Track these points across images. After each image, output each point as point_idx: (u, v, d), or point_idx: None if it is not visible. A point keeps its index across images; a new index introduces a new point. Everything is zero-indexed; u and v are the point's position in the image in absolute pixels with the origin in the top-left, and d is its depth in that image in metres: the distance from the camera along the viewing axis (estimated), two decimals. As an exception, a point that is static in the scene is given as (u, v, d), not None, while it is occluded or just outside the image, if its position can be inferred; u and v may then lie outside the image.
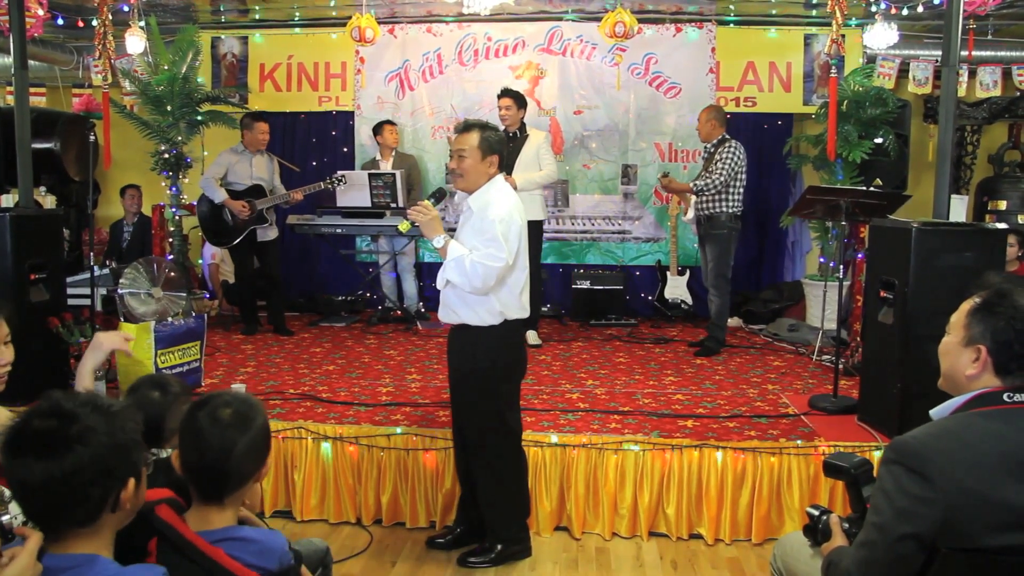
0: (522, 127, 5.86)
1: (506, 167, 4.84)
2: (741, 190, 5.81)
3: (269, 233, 6.36)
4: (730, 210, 5.77)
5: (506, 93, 5.87)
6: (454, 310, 3.31)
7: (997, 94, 7.20)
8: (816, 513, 2.12)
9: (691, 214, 6.13)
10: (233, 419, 1.82)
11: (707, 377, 5.14)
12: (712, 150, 5.87)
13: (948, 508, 1.66)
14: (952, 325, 1.92)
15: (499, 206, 3.20)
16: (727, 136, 5.87)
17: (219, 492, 1.82)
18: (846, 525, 2.05)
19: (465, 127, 3.30)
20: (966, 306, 1.88)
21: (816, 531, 2.11)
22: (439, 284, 3.31)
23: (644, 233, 7.46)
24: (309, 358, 5.55)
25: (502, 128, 5.10)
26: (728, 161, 5.68)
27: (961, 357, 1.86)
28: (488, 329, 3.27)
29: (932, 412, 1.89)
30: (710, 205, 5.79)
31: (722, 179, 5.67)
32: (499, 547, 3.46)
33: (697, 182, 5.80)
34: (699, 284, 6.61)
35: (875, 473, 2.00)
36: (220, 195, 6.11)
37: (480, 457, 3.42)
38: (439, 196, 3.39)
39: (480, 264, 3.11)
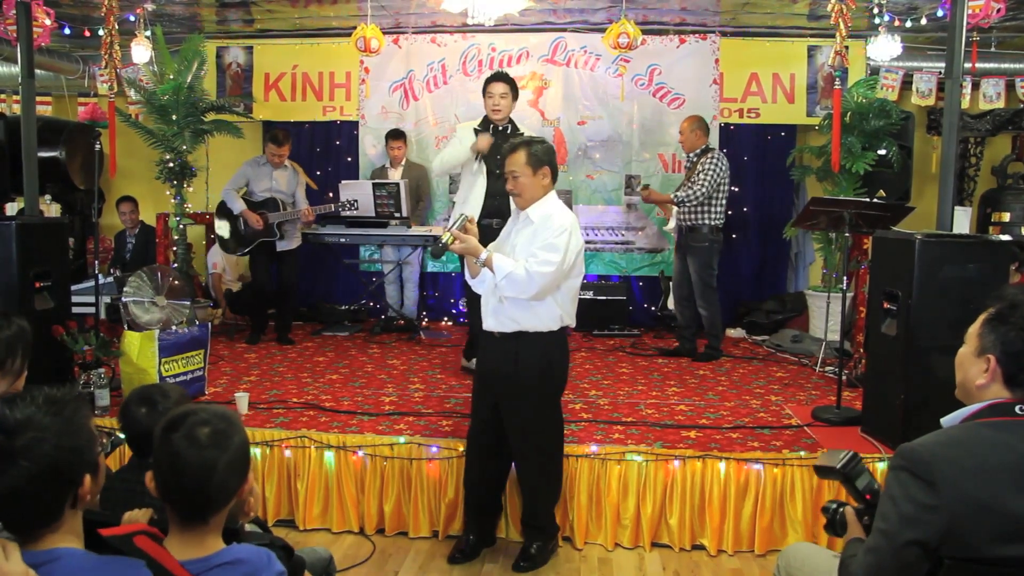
0: (513, 122, 5.17)
1: (496, 170, 4.75)
2: (724, 201, 5.84)
3: (290, 243, 6.39)
4: (712, 222, 5.80)
5: (500, 77, 5.10)
6: (512, 318, 3.37)
7: (1000, 106, 7.22)
8: (833, 507, 2.11)
9: (672, 223, 6.15)
10: (211, 438, 1.70)
11: (710, 388, 5.13)
12: (695, 160, 5.90)
13: (953, 517, 1.66)
14: (968, 335, 1.92)
15: (563, 216, 3.33)
16: (710, 146, 5.92)
17: (203, 515, 1.72)
18: (866, 519, 2.04)
19: (511, 147, 3.41)
20: (981, 317, 1.89)
21: (835, 524, 2.10)
22: (488, 297, 3.40)
23: (647, 244, 7.47)
24: (312, 367, 5.56)
25: (485, 120, 5.01)
26: (710, 172, 5.70)
27: (973, 367, 1.87)
28: (548, 335, 3.39)
29: (943, 420, 1.89)
30: (692, 216, 5.81)
31: (703, 190, 5.69)
32: (540, 544, 3.59)
33: (679, 193, 5.81)
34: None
35: (865, 464, 2.03)
36: (238, 205, 6.17)
37: (531, 458, 3.55)
38: (463, 223, 3.35)
39: (535, 272, 3.22)
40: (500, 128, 5.05)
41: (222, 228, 6.42)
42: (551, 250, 3.24)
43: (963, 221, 4.42)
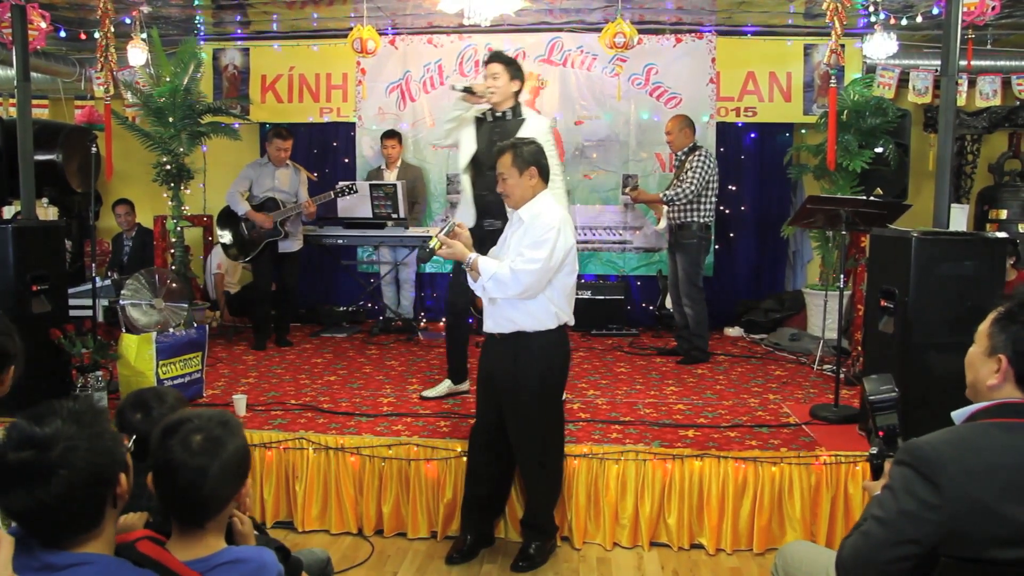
0: (517, 108, 4.57)
1: (490, 163, 4.42)
2: (713, 199, 5.83)
3: (292, 245, 6.37)
4: (702, 219, 5.78)
5: (493, 57, 4.52)
6: (509, 318, 3.40)
7: (997, 103, 7.21)
8: (875, 451, 2.08)
9: (663, 223, 6.14)
10: (204, 445, 1.74)
11: (708, 387, 5.13)
12: (683, 158, 5.88)
13: (953, 517, 1.64)
14: (977, 335, 1.89)
15: (552, 215, 3.34)
16: (697, 144, 5.90)
17: (198, 519, 1.75)
18: (874, 451, 2.04)
19: (500, 150, 3.46)
20: (991, 316, 1.86)
21: (869, 432, 2.11)
22: (484, 300, 3.44)
23: (645, 243, 7.47)
24: (310, 369, 5.55)
25: (487, 106, 4.49)
26: (699, 170, 5.69)
27: (983, 367, 1.84)
28: (546, 333, 3.40)
29: (954, 414, 1.87)
30: (681, 215, 5.80)
31: (692, 188, 5.67)
32: (539, 544, 3.59)
33: (667, 192, 5.80)
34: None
35: (896, 408, 2.03)
36: (243, 207, 6.15)
37: (531, 458, 3.55)
38: (451, 229, 3.41)
39: (520, 270, 3.25)
40: (499, 114, 4.55)
41: (225, 237, 6.41)
42: (536, 247, 3.27)
43: (960, 219, 4.41)
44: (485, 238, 4.44)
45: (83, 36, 6.46)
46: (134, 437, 2.05)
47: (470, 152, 4.60)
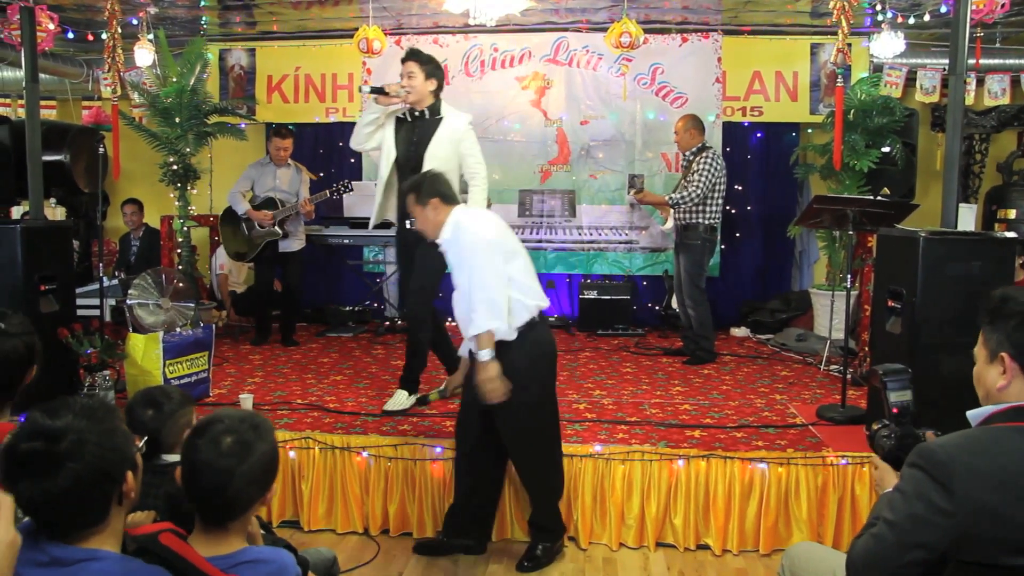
0: (435, 106, 4.50)
1: (411, 164, 4.41)
2: (720, 200, 5.79)
3: (292, 245, 6.38)
4: (707, 221, 5.75)
5: (408, 56, 4.45)
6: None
7: (1005, 102, 7.18)
8: (876, 427, 2.09)
9: (670, 223, 6.12)
10: (233, 448, 1.75)
11: (714, 387, 5.12)
12: (691, 158, 5.85)
13: (964, 522, 1.63)
14: (975, 353, 1.88)
15: (456, 228, 3.33)
16: (706, 144, 5.87)
17: (221, 519, 1.78)
18: (885, 432, 2.04)
19: (404, 194, 3.59)
20: (981, 329, 1.86)
21: (873, 440, 2.11)
22: (483, 357, 3.25)
23: (651, 243, 7.46)
24: (316, 368, 5.56)
25: (405, 106, 4.46)
26: (705, 172, 5.65)
27: (989, 374, 1.82)
28: (523, 335, 3.30)
29: (969, 414, 1.85)
30: (688, 215, 5.78)
31: (699, 191, 5.64)
32: (547, 546, 3.58)
33: (674, 195, 5.78)
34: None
35: (908, 385, 2.03)
36: (243, 207, 6.17)
37: (527, 459, 3.52)
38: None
39: (472, 300, 3.21)
40: (417, 114, 4.50)
41: (227, 237, 6.42)
42: (461, 270, 3.29)
43: (968, 218, 4.40)
44: (408, 237, 4.47)
45: (90, 37, 6.49)
46: (145, 439, 2.06)
47: (390, 156, 4.55)
